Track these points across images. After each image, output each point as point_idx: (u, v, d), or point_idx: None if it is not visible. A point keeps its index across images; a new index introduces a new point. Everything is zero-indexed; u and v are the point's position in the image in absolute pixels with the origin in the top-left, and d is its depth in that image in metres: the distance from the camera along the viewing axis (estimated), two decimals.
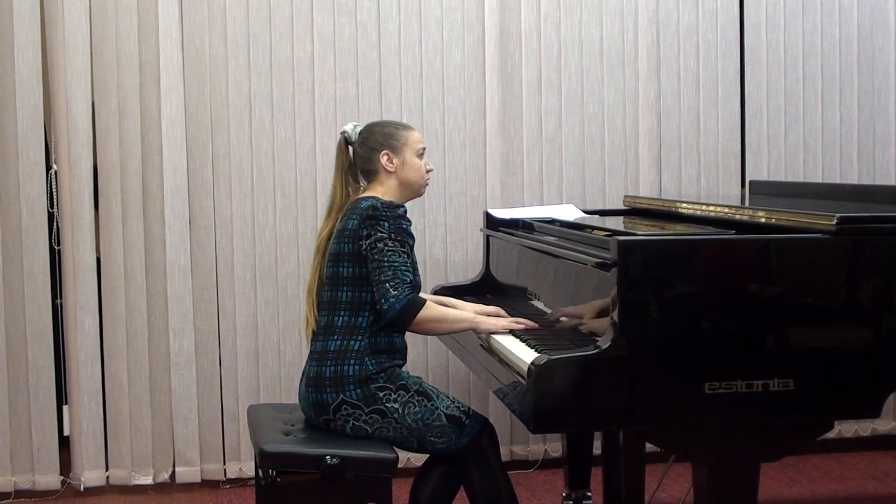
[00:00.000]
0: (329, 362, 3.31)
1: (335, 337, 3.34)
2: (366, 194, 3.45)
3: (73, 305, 4.55)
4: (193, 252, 4.63)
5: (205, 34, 4.59)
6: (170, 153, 4.54)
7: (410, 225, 3.35)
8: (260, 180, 4.65)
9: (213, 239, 4.65)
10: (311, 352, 3.42)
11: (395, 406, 3.29)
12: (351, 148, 3.52)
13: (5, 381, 4.55)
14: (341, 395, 3.29)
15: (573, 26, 4.83)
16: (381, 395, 3.29)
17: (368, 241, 3.29)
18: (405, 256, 3.30)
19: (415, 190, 3.53)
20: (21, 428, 4.58)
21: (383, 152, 3.45)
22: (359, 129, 3.53)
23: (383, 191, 3.46)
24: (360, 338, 3.32)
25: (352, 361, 3.30)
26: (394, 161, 3.45)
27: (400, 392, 3.30)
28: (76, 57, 4.46)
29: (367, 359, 3.30)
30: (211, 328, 4.67)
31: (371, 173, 3.49)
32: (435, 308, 3.36)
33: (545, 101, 4.82)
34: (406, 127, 3.55)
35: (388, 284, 3.26)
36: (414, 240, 3.36)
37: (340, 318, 3.34)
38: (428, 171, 3.54)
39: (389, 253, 3.27)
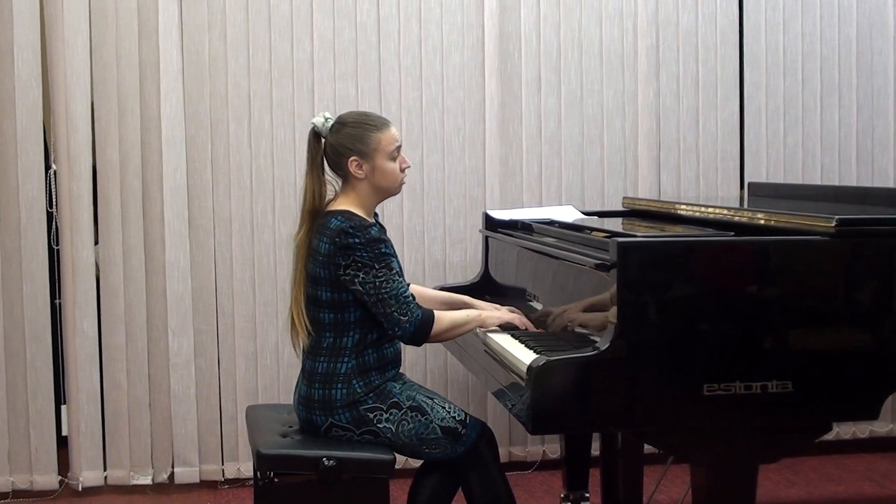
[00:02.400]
0: (317, 384, 3.27)
1: (322, 359, 3.28)
2: (336, 207, 3.29)
3: (71, 305, 4.54)
4: (193, 252, 4.62)
5: (204, 35, 4.59)
6: (169, 154, 4.54)
7: (386, 244, 3.20)
8: (259, 181, 4.65)
9: (213, 239, 4.65)
10: (302, 367, 3.40)
11: (388, 426, 3.25)
12: (324, 140, 3.32)
13: (4, 381, 4.55)
14: (330, 419, 3.26)
15: (573, 28, 4.83)
16: (372, 416, 3.25)
17: (351, 273, 3.17)
18: (397, 277, 3.20)
19: (388, 192, 3.36)
20: (19, 428, 4.58)
21: (352, 158, 3.25)
22: (330, 122, 3.32)
23: (355, 197, 3.29)
24: (346, 359, 3.26)
25: (339, 385, 3.25)
26: (363, 168, 3.26)
27: (392, 411, 3.26)
28: (76, 57, 4.46)
29: (354, 381, 3.25)
30: (210, 328, 4.67)
31: (341, 176, 3.33)
32: (444, 317, 3.30)
33: (544, 102, 4.82)
34: (378, 127, 3.30)
35: (395, 314, 3.19)
36: (394, 255, 3.24)
37: (325, 340, 3.29)
38: (403, 169, 3.34)
39: (383, 283, 3.17)
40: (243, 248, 4.65)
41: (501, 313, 3.44)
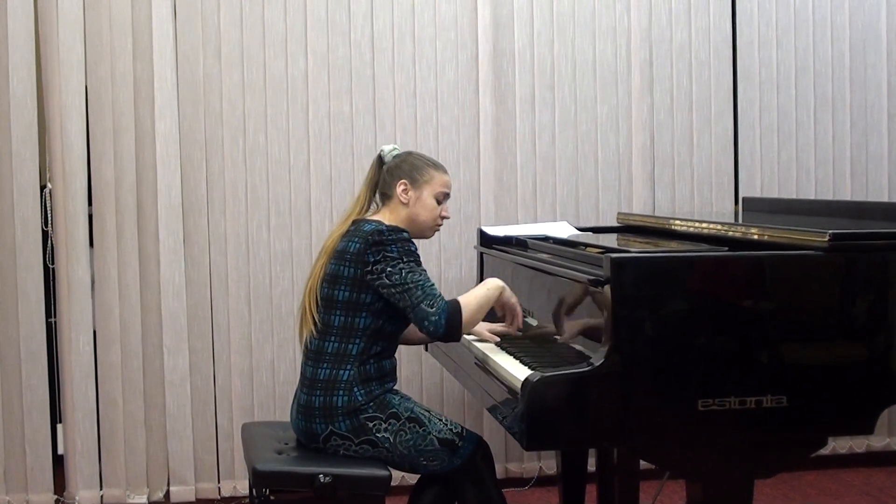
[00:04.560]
0: (318, 392, 3.29)
1: (325, 365, 3.30)
2: (371, 217, 3.41)
3: (67, 324, 4.54)
4: (188, 270, 4.63)
5: (199, 52, 4.60)
6: (164, 171, 4.55)
7: (416, 247, 3.30)
8: (254, 198, 4.65)
9: (208, 257, 4.65)
10: (301, 374, 3.41)
11: (386, 436, 3.26)
12: (384, 165, 3.49)
13: None
14: (330, 427, 3.27)
15: (566, 44, 4.85)
16: (371, 425, 3.26)
17: (379, 268, 3.22)
18: (424, 273, 3.25)
19: (421, 230, 3.45)
20: (15, 446, 4.57)
21: (402, 181, 3.40)
22: (395, 152, 3.50)
23: (391, 218, 3.40)
24: (349, 367, 3.28)
25: (340, 392, 3.26)
26: (409, 193, 3.40)
27: (391, 421, 3.28)
28: (71, 75, 4.47)
29: (355, 389, 3.27)
30: (205, 346, 4.67)
31: (386, 197, 3.45)
32: (468, 302, 3.27)
33: (538, 118, 4.83)
34: (438, 167, 3.48)
35: (423, 305, 3.19)
36: (421, 260, 3.31)
37: (331, 345, 3.31)
38: (442, 218, 3.48)
39: (409, 274, 3.21)
40: (238, 266, 4.65)
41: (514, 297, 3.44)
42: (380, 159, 3.51)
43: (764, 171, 5.05)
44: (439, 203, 3.46)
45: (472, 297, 3.31)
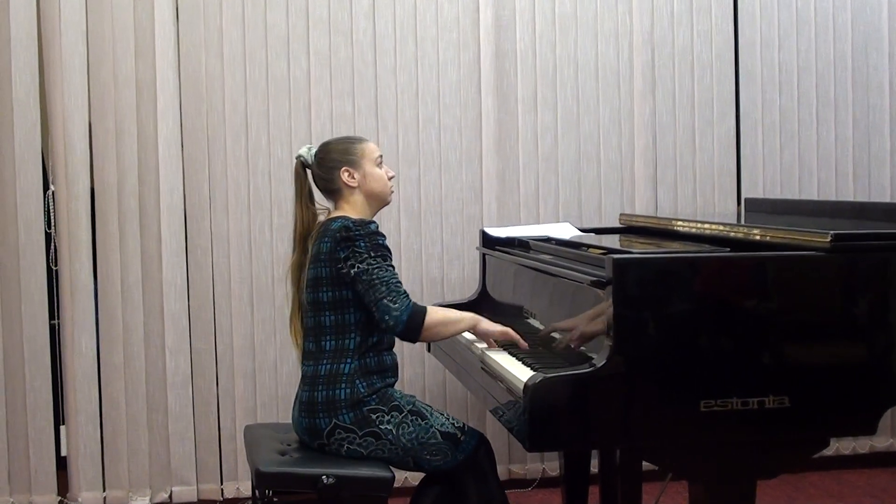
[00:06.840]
0: (320, 387, 3.30)
1: (324, 361, 3.32)
2: (335, 215, 3.42)
3: (70, 326, 4.54)
4: (190, 271, 4.63)
5: (201, 53, 4.60)
6: (166, 172, 4.55)
7: (385, 239, 3.33)
8: (256, 199, 4.65)
9: (210, 258, 4.65)
10: (302, 375, 3.42)
11: (389, 427, 3.28)
12: (309, 171, 3.50)
13: (3, 402, 4.54)
14: (334, 420, 3.27)
15: (568, 45, 4.85)
16: (374, 417, 3.28)
17: (349, 264, 3.26)
18: (391, 269, 3.29)
19: (381, 199, 3.51)
20: (18, 448, 4.57)
21: (343, 169, 3.42)
22: (313, 150, 3.50)
23: (351, 208, 3.43)
24: (349, 361, 3.30)
25: (343, 385, 3.28)
26: (355, 176, 3.43)
27: (393, 413, 3.29)
28: (73, 78, 4.47)
29: (357, 381, 3.28)
30: (208, 347, 4.67)
31: (334, 192, 3.47)
32: (437, 311, 3.35)
33: (541, 119, 4.83)
34: (360, 139, 3.52)
35: (385, 301, 3.23)
36: (391, 254, 3.34)
37: (327, 343, 3.33)
38: (390, 178, 3.51)
39: (376, 270, 3.25)
40: (241, 267, 4.66)
41: (496, 325, 3.42)
42: (302, 165, 3.50)
43: (766, 172, 5.04)
44: (380, 167, 3.49)
45: (442, 311, 3.39)
